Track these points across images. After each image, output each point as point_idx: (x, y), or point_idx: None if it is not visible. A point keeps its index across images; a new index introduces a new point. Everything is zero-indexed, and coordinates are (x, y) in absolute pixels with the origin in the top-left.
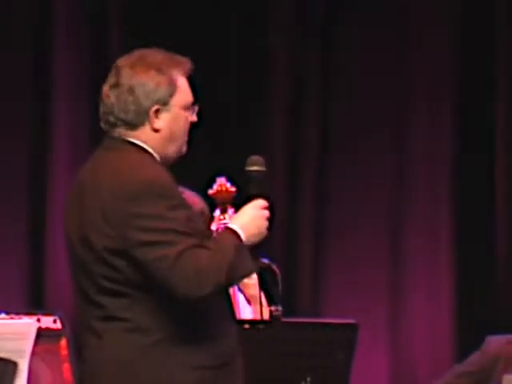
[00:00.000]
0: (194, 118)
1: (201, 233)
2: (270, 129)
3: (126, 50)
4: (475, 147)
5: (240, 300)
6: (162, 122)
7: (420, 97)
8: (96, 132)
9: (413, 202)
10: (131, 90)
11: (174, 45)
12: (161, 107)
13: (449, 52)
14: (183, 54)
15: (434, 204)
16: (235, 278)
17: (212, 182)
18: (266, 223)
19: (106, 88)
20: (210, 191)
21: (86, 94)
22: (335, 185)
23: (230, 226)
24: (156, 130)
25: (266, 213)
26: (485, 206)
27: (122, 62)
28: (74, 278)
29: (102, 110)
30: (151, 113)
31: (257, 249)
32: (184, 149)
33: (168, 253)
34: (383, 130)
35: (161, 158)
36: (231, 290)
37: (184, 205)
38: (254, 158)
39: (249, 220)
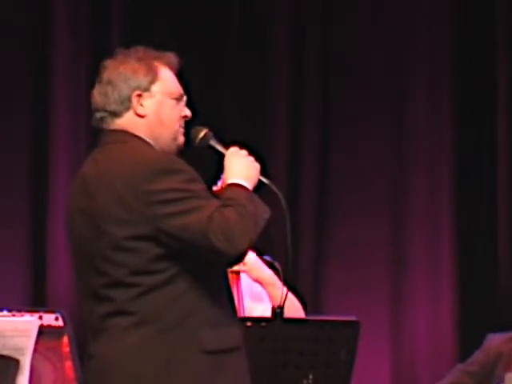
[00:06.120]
0: (187, 112)
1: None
2: (273, 127)
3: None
4: (477, 144)
5: (246, 300)
6: (147, 108)
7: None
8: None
9: (414, 202)
10: (110, 81)
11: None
12: (142, 93)
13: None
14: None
15: (435, 204)
16: (261, 224)
17: (217, 179)
18: (255, 164)
19: (93, 89)
20: (215, 188)
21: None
22: (336, 185)
23: (231, 181)
24: (141, 116)
25: (247, 155)
26: (486, 206)
27: (106, 61)
28: (79, 277)
29: (92, 110)
30: (133, 98)
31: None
32: (181, 139)
33: (199, 218)
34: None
35: (157, 146)
36: (235, 290)
37: (198, 179)
38: (193, 130)
39: (241, 168)
